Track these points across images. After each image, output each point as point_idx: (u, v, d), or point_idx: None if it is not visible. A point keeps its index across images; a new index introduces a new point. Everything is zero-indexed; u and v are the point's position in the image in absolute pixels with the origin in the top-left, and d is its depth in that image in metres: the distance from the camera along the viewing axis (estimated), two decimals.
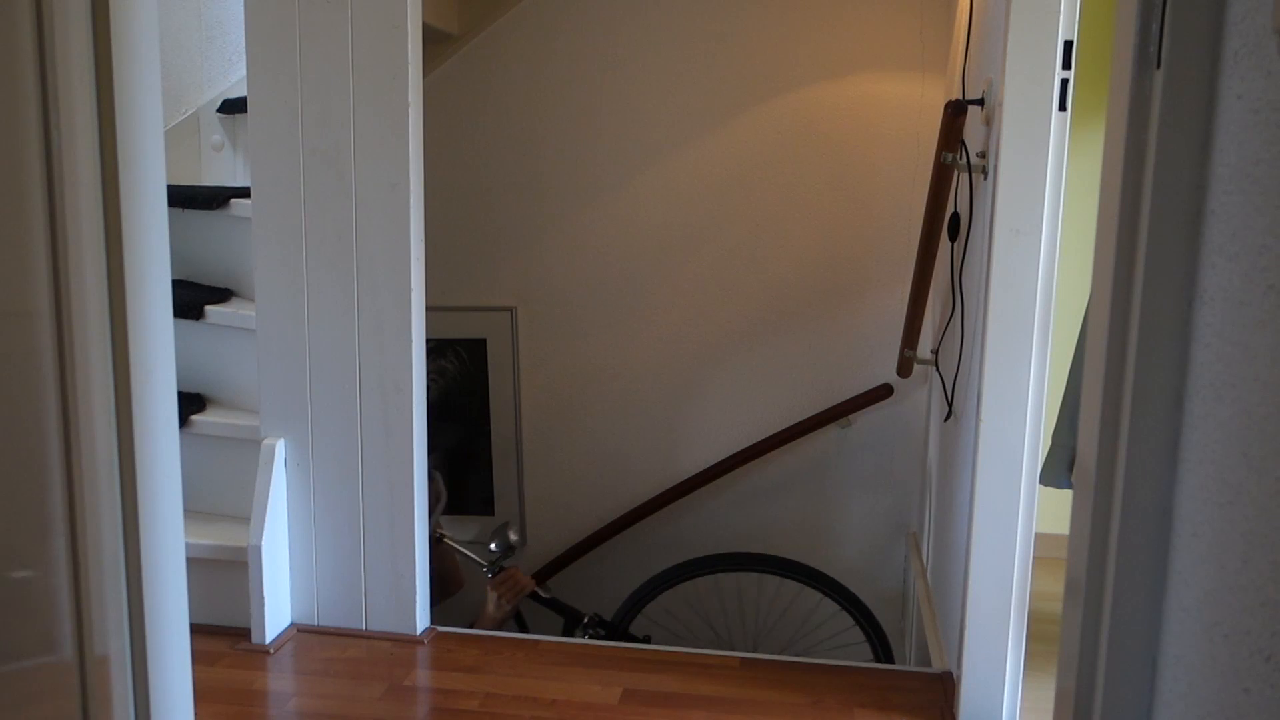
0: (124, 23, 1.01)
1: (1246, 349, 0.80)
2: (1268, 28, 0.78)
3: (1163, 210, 0.92)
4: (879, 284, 3.10)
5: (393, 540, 2.24)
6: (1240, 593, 0.79)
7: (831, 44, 3.02)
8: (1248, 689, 0.76)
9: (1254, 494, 0.77)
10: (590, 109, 3.14)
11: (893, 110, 3.01)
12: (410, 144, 2.14)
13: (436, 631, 2.31)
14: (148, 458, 1.08)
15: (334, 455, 2.24)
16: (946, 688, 2.10)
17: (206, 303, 2.43)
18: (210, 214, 2.51)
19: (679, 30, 3.07)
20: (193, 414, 2.39)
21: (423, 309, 2.23)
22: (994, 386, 1.85)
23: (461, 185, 3.22)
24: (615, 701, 2.01)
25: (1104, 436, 0.99)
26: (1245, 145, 0.82)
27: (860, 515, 3.21)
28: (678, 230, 3.17)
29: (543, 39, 3.13)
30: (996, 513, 1.89)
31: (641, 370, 3.23)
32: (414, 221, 2.16)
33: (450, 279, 3.16)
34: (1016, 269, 1.82)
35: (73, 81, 0.98)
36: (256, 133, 2.18)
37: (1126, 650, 0.97)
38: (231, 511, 2.37)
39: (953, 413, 2.38)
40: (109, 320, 1.04)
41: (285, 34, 2.12)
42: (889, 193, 3.05)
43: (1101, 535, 1.00)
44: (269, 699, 2.04)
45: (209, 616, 2.25)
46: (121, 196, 1.03)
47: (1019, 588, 1.91)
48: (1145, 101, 0.94)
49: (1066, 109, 1.78)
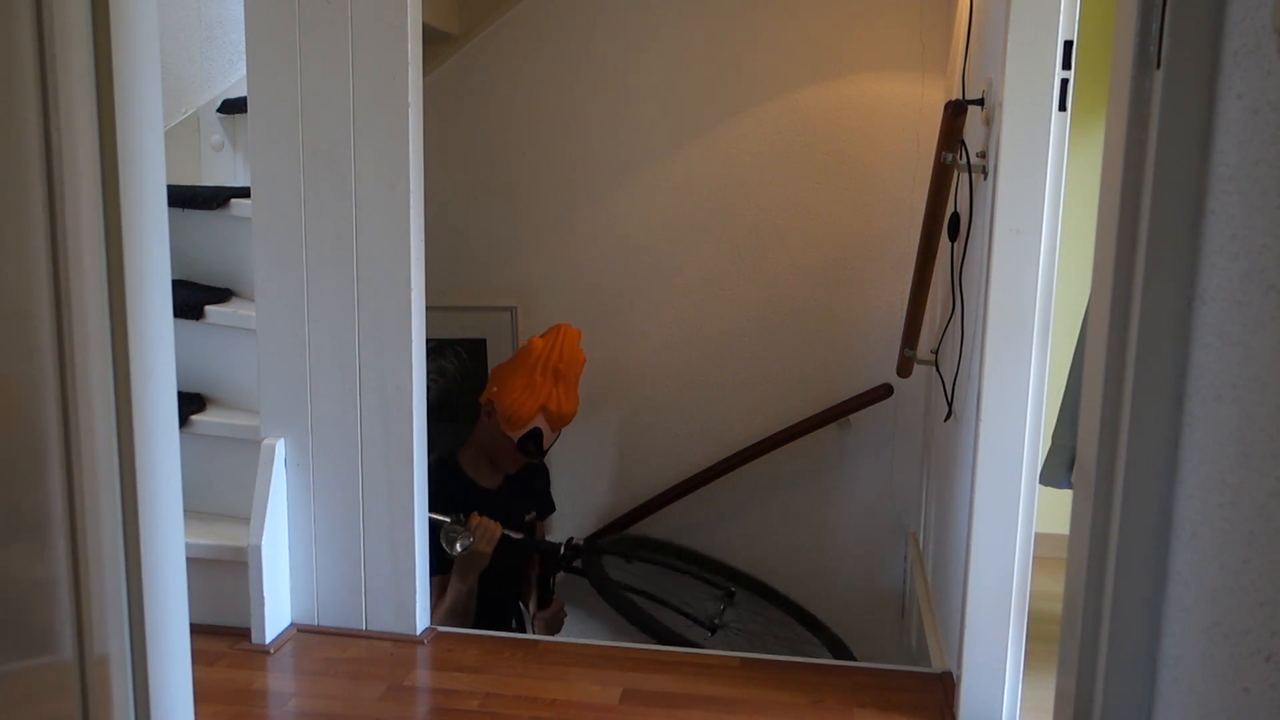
0: (124, 23, 1.01)
1: (1246, 349, 0.80)
2: (1268, 28, 0.78)
3: (1163, 210, 0.92)
4: (879, 284, 3.09)
5: (393, 540, 2.24)
6: (1240, 593, 0.79)
7: (831, 44, 3.01)
8: (1248, 689, 0.76)
9: (1254, 494, 0.77)
10: (590, 109, 3.14)
11: (893, 110, 3.01)
12: (410, 144, 2.14)
13: (436, 631, 2.31)
14: (148, 458, 1.08)
15: (334, 455, 2.24)
16: (946, 688, 2.10)
17: (206, 303, 2.43)
18: (210, 214, 2.51)
19: (679, 30, 3.07)
20: (193, 414, 2.39)
21: (423, 309, 2.23)
22: (994, 386, 1.85)
23: (462, 185, 3.22)
24: (615, 701, 2.01)
25: (1104, 436, 0.99)
26: (1245, 145, 0.82)
27: (860, 515, 3.21)
28: (677, 230, 3.17)
29: (543, 39, 3.13)
30: (996, 513, 1.89)
31: (641, 370, 3.23)
32: (414, 221, 2.16)
33: (450, 279, 3.16)
34: (1016, 269, 1.82)
35: (73, 81, 0.98)
36: (256, 133, 2.18)
37: (1126, 650, 0.97)
38: (231, 511, 2.37)
39: (953, 413, 2.38)
40: (109, 320, 1.04)
41: (285, 34, 2.12)
42: (889, 193, 3.05)
43: (1101, 535, 1.00)
44: (269, 699, 2.04)
45: (209, 616, 2.25)
46: (121, 196, 1.03)
47: (1019, 588, 1.91)
48: (1145, 101, 0.94)
49: (1066, 109, 1.78)
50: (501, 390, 2.68)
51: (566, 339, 2.71)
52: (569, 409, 2.73)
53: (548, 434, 2.72)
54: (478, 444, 2.76)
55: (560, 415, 2.71)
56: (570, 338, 2.73)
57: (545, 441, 2.72)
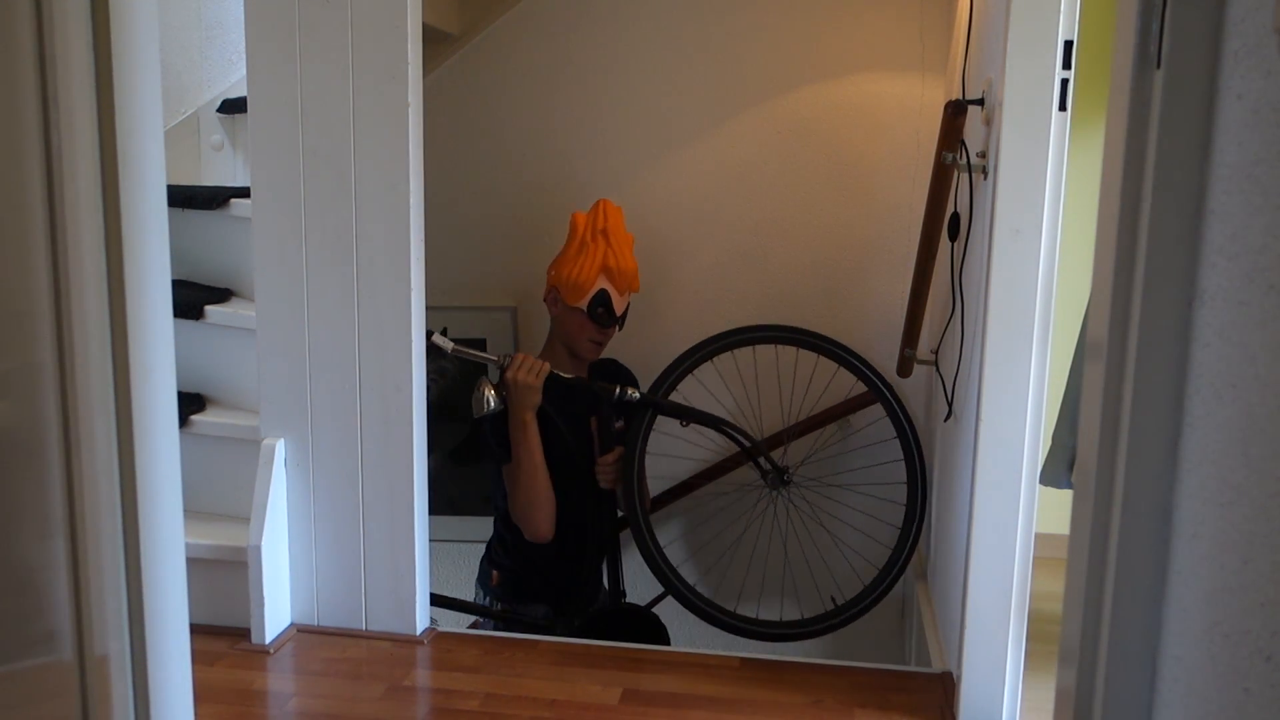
0: (124, 23, 1.01)
1: (1246, 349, 0.80)
2: (1268, 28, 0.78)
3: (1163, 210, 0.92)
4: (879, 284, 3.10)
5: (393, 540, 2.24)
6: (1240, 593, 0.79)
7: (831, 44, 3.02)
8: (1248, 689, 0.76)
9: (1254, 494, 0.77)
10: (590, 109, 3.14)
11: (893, 110, 3.01)
12: (410, 144, 2.14)
13: (436, 631, 2.31)
14: (148, 458, 1.08)
15: (334, 455, 2.24)
16: (946, 688, 2.10)
17: (206, 303, 2.43)
18: (210, 214, 2.51)
19: (679, 30, 3.07)
20: (193, 414, 2.39)
21: (423, 309, 2.23)
22: (994, 386, 1.85)
23: (461, 185, 3.22)
24: (615, 701, 2.01)
25: (1104, 436, 0.99)
26: (1245, 145, 0.82)
27: (860, 515, 3.20)
28: (677, 230, 3.17)
29: (542, 39, 3.13)
30: (996, 513, 1.89)
31: (640, 370, 3.23)
32: (414, 221, 2.16)
33: (450, 279, 3.16)
34: (1016, 269, 1.82)
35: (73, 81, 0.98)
36: (256, 133, 2.18)
37: (1126, 650, 0.97)
38: (231, 511, 2.37)
39: (953, 413, 2.38)
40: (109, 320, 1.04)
41: (285, 34, 2.12)
42: (889, 192, 3.05)
43: (1101, 535, 1.00)
44: (269, 699, 2.04)
45: (209, 616, 2.25)
46: (121, 196, 1.03)
47: (1019, 588, 1.91)
48: (1145, 101, 0.94)
49: (1066, 109, 1.78)
50: (558, 269, 2.64)
51: (608, 207, 2.66)
52: (627, 264, 2.66)
53: (615, 297, 2.65)
54: (553, 340, 2.71)
55: (621, 271, 2.64)
56: (611, 207, 2.67)
57: (615, 305, 2.65)
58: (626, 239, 2.70)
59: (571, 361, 2.69)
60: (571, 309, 2.63)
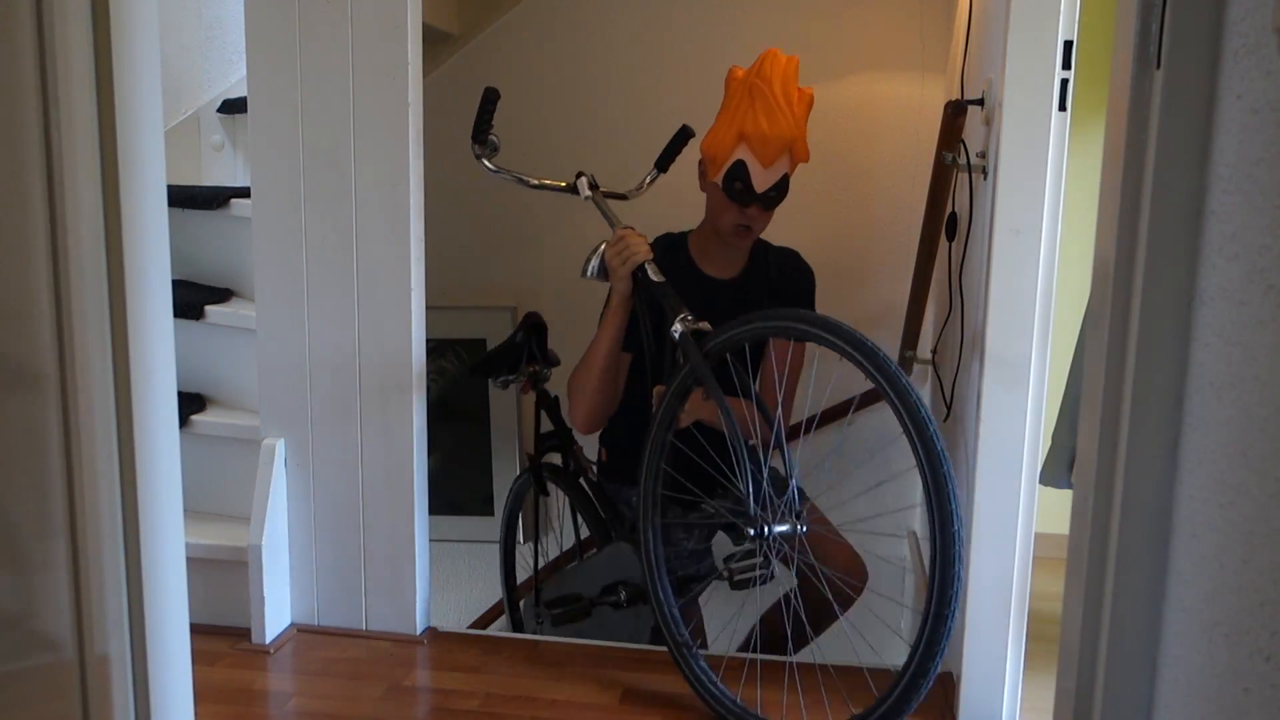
0: (124, 23, 1.01)
1: (1246, 349, 0.80)
2: (1268, 28, 0.78)
3: (1163, 210, 0.92)
4: (878, 284, 3.09)
5: (393, 540, 2.24)
6: (1240, 593, 0.79)
7: (831, 44, 3.01)
8: (1248, 689, 0.76)
9: (1254, 494, 0.77)
10: (589, 109, 3.14)
11: (893, 110, 3.01)
12: (410, 144, 2.14)
13: (436, 631, 2.31)
14: (148, 458, 1.08)
15: (334, 455, 2.24)
16: (946, 688, 2.10)
17: (206, 303, 2.43)
18: (210, 214, 2.51)
19: (678, 30, 3.07)
20: (193, 414, 2.39)
21: (423, 309, 2.23)
22: (994, 386, 1.85)
23: (461, 185, 3.22)
24: (615, 702, 2.01)
25: (1104, 436, 0.99)
26: (1245, 145, 0.82)
27: (860, 515, 3.20)
28: (677, 230, 3.16)
29: (543, 39, 3.13)
30: (996, 513, 1.89)
31: None
32: (414, 221, 2.16)
33: (450, 279, 3.16)
34: (1016, 269, 1.82)
35: (73, 81, 0.98)
36: (256, 133, 2.18)
37: (1126, 650, 0.97)
38: (231, 511, 2.37)
39: (952, 413, 2.38)
40: (109, 320, 1.04)
41: (285, 34, 2.12)
42: (889, 192, 3.05)
43: (1101, 535, 1.00)
44: (269, 699, 2.04)
45: (209, 616, 2.25)
46: (121, 196, 1.03)
47: (1019, 588, 1.91)
48: (1145, 101, 0.94)
49: (1066, 109, 1.78)
50: (707, 135, 2.31)
51: (768, 57, 2.21)
52: (777, 128, 2.19)
53: (757, 171, 2.21)
54: (705, 225, 2.41)
55: (760, 135, 2.18)
56: (773, 57, 2.21)
57: (756, 180, 2.21)
58: (788, 96, 2.22)
59: (721, 250, 2.38)
60: (711, 184, 2.31)
